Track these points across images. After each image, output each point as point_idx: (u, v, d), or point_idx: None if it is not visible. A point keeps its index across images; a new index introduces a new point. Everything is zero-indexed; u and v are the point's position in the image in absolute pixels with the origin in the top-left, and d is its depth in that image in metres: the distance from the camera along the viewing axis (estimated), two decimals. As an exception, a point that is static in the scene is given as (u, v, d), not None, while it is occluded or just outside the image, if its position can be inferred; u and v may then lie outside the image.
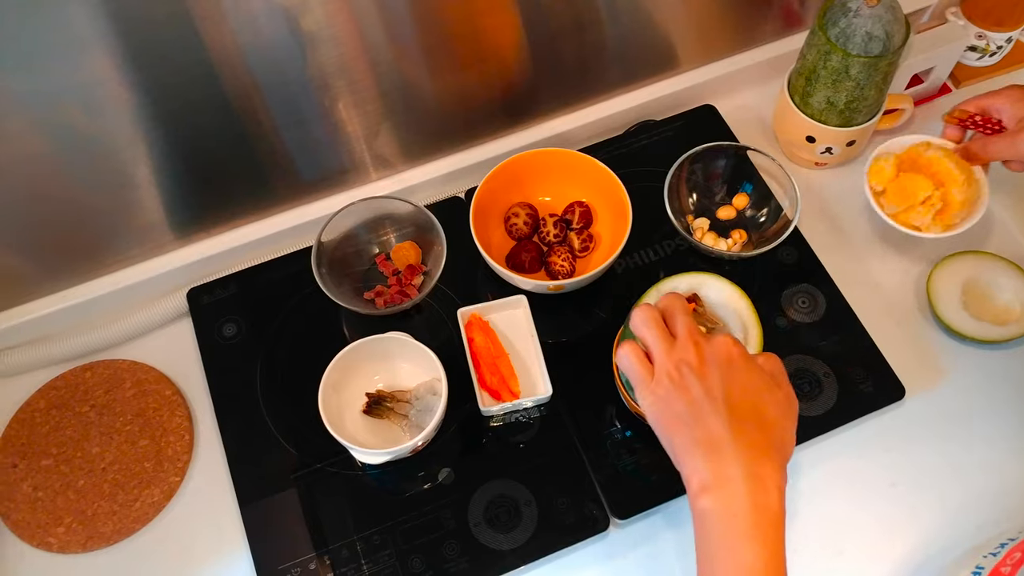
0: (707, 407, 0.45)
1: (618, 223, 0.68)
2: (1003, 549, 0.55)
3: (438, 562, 0.59)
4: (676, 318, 0.48)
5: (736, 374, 0.46)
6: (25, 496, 0.63)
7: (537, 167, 0.70)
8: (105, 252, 0.68)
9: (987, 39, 0.79)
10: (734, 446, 0.44)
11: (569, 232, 0.70)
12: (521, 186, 0.71)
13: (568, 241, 0.70)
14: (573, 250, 0.69)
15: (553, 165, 0.70)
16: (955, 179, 0.64)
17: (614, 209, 0.69)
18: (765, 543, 0.43)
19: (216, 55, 0.55)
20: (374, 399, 0.62)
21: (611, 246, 0.68)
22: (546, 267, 0.69)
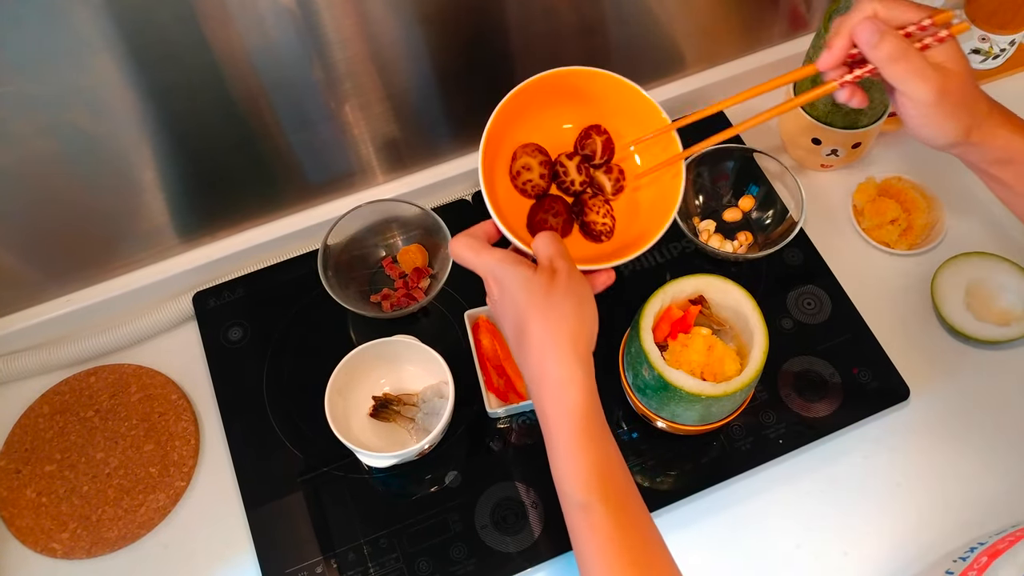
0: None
1: (646, 156, 0.55)
2: (972, 553, 0.55)
3: (445, 565, 0.59)
4: None
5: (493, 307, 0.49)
6: (29, 502, 0.63)
7: (542, 98, 0.55)
8: (110, 256, 0.68)
9: (991, 42, 0.79)
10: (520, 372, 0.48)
11: (594, 172, 0.56)
12: (527, 124, 0.55)
13: (598, 184, 0.56)
14: (606, 194, 0.56)
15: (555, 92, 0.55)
16: (919, 207, 0.72)
17: (645, 143, 0.55)
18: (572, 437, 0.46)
19: (222, 57, 0.55)
20: (381, 402, 0.62)
21: (646, 183, 0.55)
22: (583, 228, 0.55)
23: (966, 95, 0.48)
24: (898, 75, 0.46)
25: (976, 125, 0.49)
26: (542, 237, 0.48)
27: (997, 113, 0.51)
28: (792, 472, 0.63)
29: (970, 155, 0.51)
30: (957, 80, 0.47)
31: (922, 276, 0.71)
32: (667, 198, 0.54)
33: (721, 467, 0.62)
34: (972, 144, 0.50)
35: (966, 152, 0.51)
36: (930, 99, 0.46)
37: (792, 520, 0.61)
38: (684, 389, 0.55)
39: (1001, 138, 0.50)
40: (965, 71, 0.47)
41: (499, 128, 0.53)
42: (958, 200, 0.74)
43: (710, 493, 0.62)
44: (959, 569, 0.54)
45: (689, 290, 0.60)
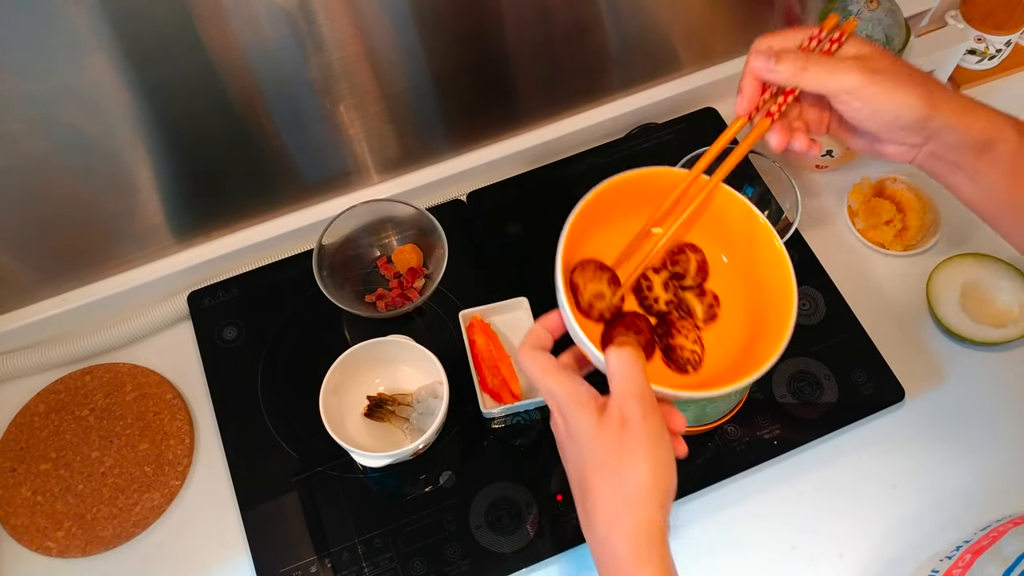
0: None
1: (750, 283, 0.49)
2: (957, 552, 0.55)
3: (439, 565, 0.59)
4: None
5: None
6: (24, 500, 0.63)
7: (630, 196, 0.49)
8: (105, 255, 0.68)
9: (986, 42, 0.79)
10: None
11: (683, 293, 0.50)
12: (614, 221, 0.49)
13: (686, 307, 0.49)
14: (696, 320, 0.49)
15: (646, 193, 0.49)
16: (914, 208, 0.72)
17: (742, 259, 0.49)
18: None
19: (218, 57, 0.55)
20: (375, 402, 0.62)
21: (743, 313, 0.49)
22: (667, 352, 0.48)
23: (900, 69, 0.43)
24: (815, 80, 0.43)
25: (939, 97, 0.43)
26: (618, 357, 0.41)
27: (967, 97, 0.45)
28: (787, 473, 0.63)
29: (948, 138, 0.45)
30: (881, 59, 0.43)
31: (917, 277, 0.71)
32: (772, 327, 0.46)
33: (716, 468, 0.62)
34: (948, 124, 0.44)
35: (943, 134, 0.44)
36: (860, 80, 0.42)
37: (787, 521, 0.61)
38: (678, 389, 0.54)
39: (981, 118, 0.44)
40: (889, 53, 0.44)
41: (585, 217, 0.47)
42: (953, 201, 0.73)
43: (705, 494, 0.62)
44: (944, 568, 0.54)
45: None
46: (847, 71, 0.43)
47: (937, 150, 0.46)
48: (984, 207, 0.49)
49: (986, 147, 0.45)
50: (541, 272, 0.71)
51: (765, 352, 0.45)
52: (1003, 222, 0.50)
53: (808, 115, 0.48)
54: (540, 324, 0.47)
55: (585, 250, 0.49)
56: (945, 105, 0.44)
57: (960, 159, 0.46)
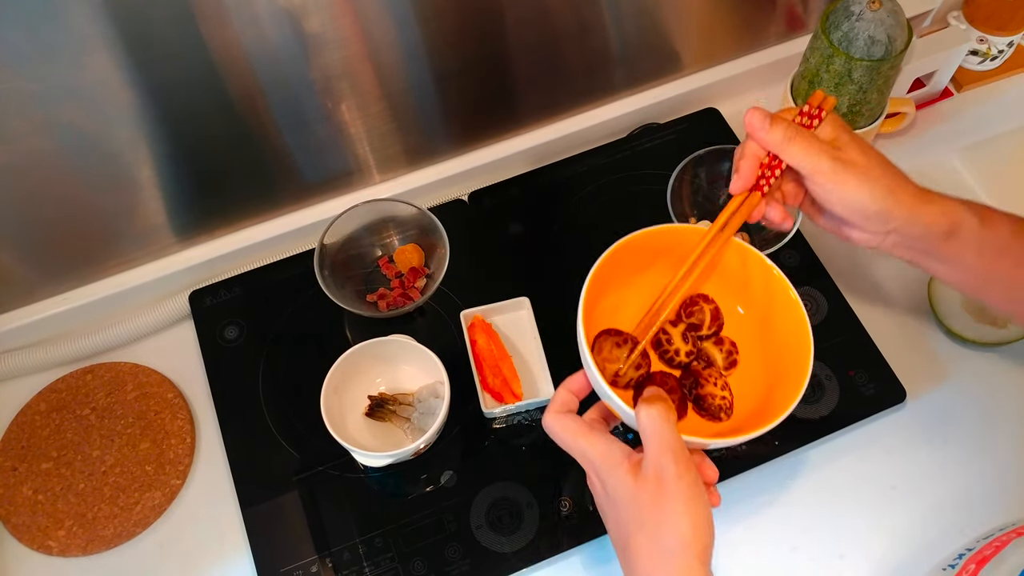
0: None
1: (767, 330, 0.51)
2: (960, 560, 0.55)
3: (440, 565, 0.59)
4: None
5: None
6: (25, 499, 0.63)
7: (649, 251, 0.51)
8: (107, 254, 0.68)
9: (989, 43, 0.79)
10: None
11: (701, 344, 0.52)
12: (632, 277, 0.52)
13: (706, 356, 0.52)
14: (718, 368, 0.52)
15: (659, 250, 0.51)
16: None
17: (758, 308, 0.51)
18: None
19: (219, 56, 0.55)
20: (376, 402, 0.62)
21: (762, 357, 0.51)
22: (697, 403, 0.50)
23: (870, 160, 0.47)
24: (796, 154, 0.47)
25: (901, 189, 0.47)
26: (649, 415, 0.42)
27: (928, 190, 0.49)
28: (788, 474, 0.63)
29: (912, 230, 0.48)
30: (854, 148, 0.47)
31: (919, 278, 0.71)
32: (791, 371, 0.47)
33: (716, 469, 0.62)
34: (911, 216, 0.47)
35: (907, 227, 0.48)
36: (834, 166, 0.46)
37: (788, 522, 0.61)
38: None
39: (941, 207, 0.48)
40: (860, 142, 0.48)
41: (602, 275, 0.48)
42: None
43: (705, 494, 0.62)
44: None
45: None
46: (823, 155, 0.47)
47: (903, 241, 0.49)
48: (964, 286, 0.52)
49: (950, 234, 0.48)
50: (543, 272, 0.71)
51: (787, 395, 0.47)
52: (987, 295, 0.53)
53: (786, 188, 0.52)
54: (564, 388, 0.47)
55: (604, 306, 0.51)
56: (907, 199, 0.48)
57: (928, 247, 0.49)
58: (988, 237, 0.48)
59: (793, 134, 0.47)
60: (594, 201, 0.74)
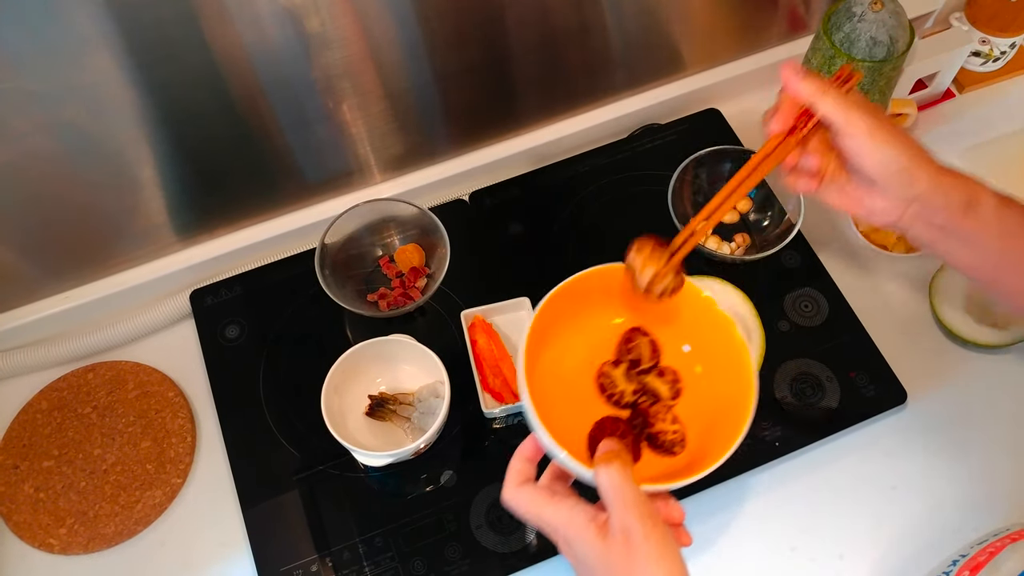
0: None
1: (710, 361, 0.51)
2: (954, 567, 0.55)
3: (440, 564, 0.59)
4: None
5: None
6: (27, 497, 0.63)
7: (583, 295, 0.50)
8: (108, 253, 0.68)
9: (991, 44, 0.79)
10: None
11: (644, 379, 0.51)
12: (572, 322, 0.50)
13: (652, 390, 0.51)
14: (665, 401, 0.51)
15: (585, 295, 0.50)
16: None
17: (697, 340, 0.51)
18: None
19: (221, 56, 0.55)
20: (377, 401, 0.62)
21: (704, 384, 0.51)
22: (651, 441, 0.49)
23: (895, 128, 0.48)
24: (831, 106, 0.47)
25: (923, 158, 0.48)
26: (607, 474, 0.42)
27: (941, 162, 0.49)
28: (788, 474, 0.63)
29: (934, 201, 0.48)
30: (880, 116, 0.48)
31: (920, 279, 0.71)
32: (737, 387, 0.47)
33: (716, 469, 0.62)
34: (933, 185, 0.47)
35: (929, 197, 0.48)
36: (865, 118, 0.47)
37: (788, 522, 0.61)
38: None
39: (959, 179, 0.48)
40: (881, 112, 0.49)
41: (539, 332, 0.47)
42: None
43: (705, 495, 0.62)
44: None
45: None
46: (857, 110, 0.47)
47: (924, 212, 0.49)
48: (979, 271, 0.52)
49: (969, 207, 0.48)
50: (543, 272, 0.71)
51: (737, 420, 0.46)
52: (1001, 282, 0.52)
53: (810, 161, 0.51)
54: (517, 457, 0.46)
55: (548, 355, 0.49)
56: (929, 165, 0.48)
57: (948, 222, 0.49)
58: (1007, 215, 0.48)
59: (827, 87, 0.48)
60: (595, 201, 0.74)
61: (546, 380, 0.49)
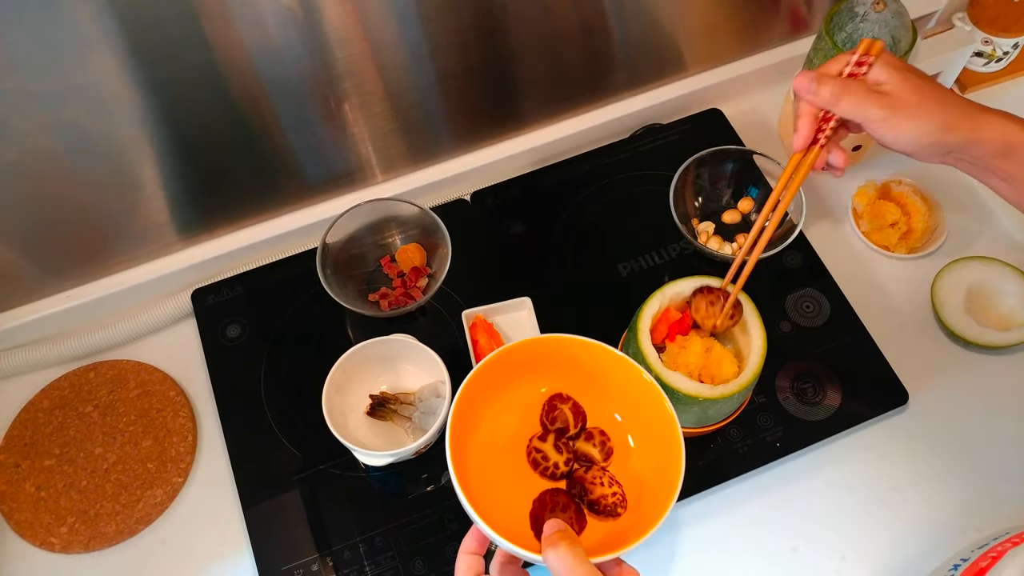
0: None
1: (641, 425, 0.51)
2: (956, 571, 0.55)
3: (440, 564, 0.59)
4: None
5: None
6: (28, 496, 0.63)
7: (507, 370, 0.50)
8: (110, 252, 0.68)
9: (993, 45, 0.79)
10: None
11: (575, 445, 0.51)
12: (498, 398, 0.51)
13: (583, 455, 0.51)
14: (598, 464, 0.50)
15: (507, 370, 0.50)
16: (919, 210, 0.72)
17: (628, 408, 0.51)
18: None
19: (223, 56, 0.55)
20: (378, 401, 0.62)
21: (637, 443, 0.51)
22: (593, 508, 0.49)
23: (925, 97, 0.48)
24: (847, 108, 0.49)
25: (955, 118, 0.48)
26: (558, 557, 0.41)
27: (983, 108, 0.50)
28: (789, 475, 0.63)
29: (970, 151, 0.50)
30: (907, 88, 0.48)
31: (922, 280, 0.71)
32: (667, 442, 0.48)
33: (718, 470, 0.62)
34: (967, 140, 0.48)
35: (964, 149, 0.49)
36: (884, 113, 0.48)
37: (789, 523, 0.61)
38: (681, 391, 0.55)
39: (995, 127, 0.49)
40: (912, 79, 0.49)
41: (463, 416, 0.47)
42: (959, 204, 0.74)
43: (707, 495, 0.62)
44: None
45: (687, 292, 0.59)
46: (872, 100, 0.48)
47: (962, 159, 0.51)
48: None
49: (1007, 152, 0.49)
50: (545, 272, 0.71)
51: (670, 477, 0.46)
52: None
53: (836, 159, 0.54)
54: (463, 554, 0.45)
55: (478, 437, 0.49)
56: (962, 123, 0.49)
57: (988, 164, 0.50)
58: None
59: (840, 90, 0.49)
60: (596, 201, 0.74)
61: (479, 464, 0.49)
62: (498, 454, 0.50)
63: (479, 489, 0.45)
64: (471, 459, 0.48)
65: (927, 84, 0.49)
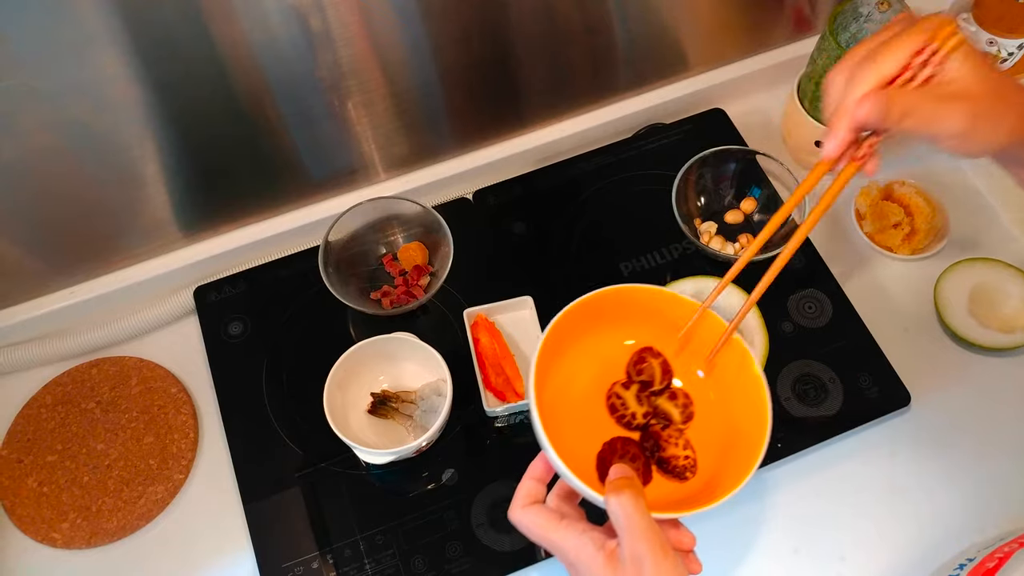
0: None
1: (723, 388, 0.50)
2: (962, 571, 0.54)
3: (441, 563, 0.59)
4: None
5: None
6: (30, 491, 0.63)
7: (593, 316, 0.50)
8: (113, 249, 0.68)
9: (998, 45, 0.78)
10: None
11: (656, 400, 0.50)
12: (580, 343, 0.50)
13: (663, 413, 0.50)
14: (676, 424, 0.50)
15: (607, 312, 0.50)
16: (922, 211, 0.72)
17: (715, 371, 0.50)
18: None
19: (226, 53, 0.56)
20: (379, 399, 0.62)
21: (717, 410, 0.50)
22: (662, 465, 0.48)
23: (998, 99, 0.41)
24: (919, 125, 0.41)
25: (991, 112, 0.41)
26: (619, 503, 0.40)
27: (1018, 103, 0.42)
28: (791, 476, 0.63)
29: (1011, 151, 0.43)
30: (982, 89, 0.41)
31: (925, 281, 0.70)
32: (752, 412, 0.46)
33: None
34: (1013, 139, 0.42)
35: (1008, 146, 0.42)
36: (965, 126, 0.40)
37: (790, 524, 0.61)
38: (682, 391, 0.55)
39: None
40: (992, 77, 0.41)
41: (550, 350, 0.47)
42: (962, 205, 0.74)
43: (707, 495, 0.62)
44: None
45: (689, 291, 0.59)
46: (952, 115, 0.40)
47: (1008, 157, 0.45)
48: None
49: None
50: (546, 272, 0.71)
51: (749, 451, 0.46)
52: None
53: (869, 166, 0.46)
54: (529, 477, 0.46)
55: (559, 373, 0.49)
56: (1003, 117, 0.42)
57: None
58: None
59: (910, 106, 0.40)
60: (599, 201, 0.74)
61: (556, 399, 0.48)
62: (575, 394, 0.50)
63: (551, 422, 0.45)
64: (548, 393, 0.48)
65: (1003, 78, 0.41)
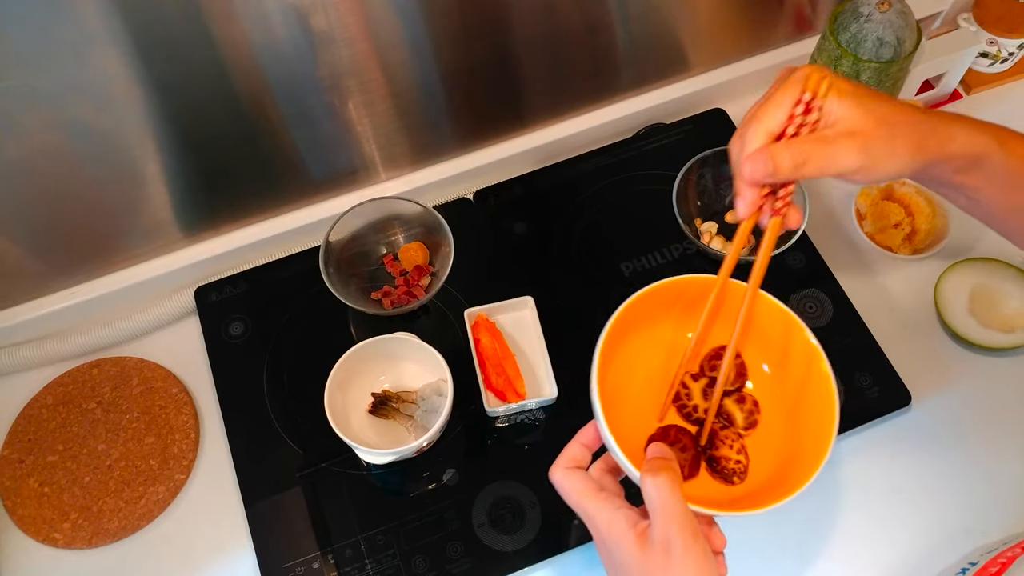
0: None
1: (791, 394, 0.48)
2: (965, 575, 0.54)
3: (441, 563, 0.59)
4: None
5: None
6: (31, 492, 0.63)
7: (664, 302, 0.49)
8: (114, 249, 0.68)
9: (998, 45, 0.79)
10: None
11: (724, 400, 0.49)
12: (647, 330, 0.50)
13: (726, 414, 0.49)
14: (737, 428, 0.49)
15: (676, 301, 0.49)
16: (923, 211, 0.72)
17: (785, 370, 0.49)
18: None
19: (227, 53, 0.56)
20: (380, 399, 0.62)
21: (783, 420, 0.49)
22: (711, 464, 0.48)
23: (893, 125, 0.43)
24: (815, 171, 0.42)
25: (924, 138, 0.43)
26: (655, 485, 0.40)
27: (944, 119, 0.45)
28: (790, 476, 0.63)
29: (933, 172, 0.45)
30: (866, 122, 0.42)
31: (925, 281, 0.71)
32: (814, 441, 0.45)
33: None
34: (931, 160, 0.44)
35: (929, 169, 0.45)
36: (860, 161, 0.42)
37: (791, 525, 0.61)
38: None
39: (959, 141, 0.44)
40: (873, 107, 0.43)
41: (617, 332, 0.47)
42: (963, 205, 0.74)
43: (707, 495, 0.62)
44: None
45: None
46: (844, 153, 0.42)
47: (928, 177, 0.47)
48: (989, 220, 0.51)
49: (975, 165, 0.46)
50: (547, 272, 0.71)
51: (804, 469, 0.44)
52: (1011, 232, 0.51)
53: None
54: (576, 441, 0.46)
55: (620, 357, 0.49)
56: (933, 145, 0.44)
57: (952, 180, 0.47)
58: (1012, 167, 0.45)
59: (802, 156, 0.42)
60: (599, 201, 0.74)
61: (614, 380, 0.49)
62: (633, 379, 0.50)
63: (608, 398, 0.45)
64: (609, 373, 0.48)
65: (889, 107, 0.43)
